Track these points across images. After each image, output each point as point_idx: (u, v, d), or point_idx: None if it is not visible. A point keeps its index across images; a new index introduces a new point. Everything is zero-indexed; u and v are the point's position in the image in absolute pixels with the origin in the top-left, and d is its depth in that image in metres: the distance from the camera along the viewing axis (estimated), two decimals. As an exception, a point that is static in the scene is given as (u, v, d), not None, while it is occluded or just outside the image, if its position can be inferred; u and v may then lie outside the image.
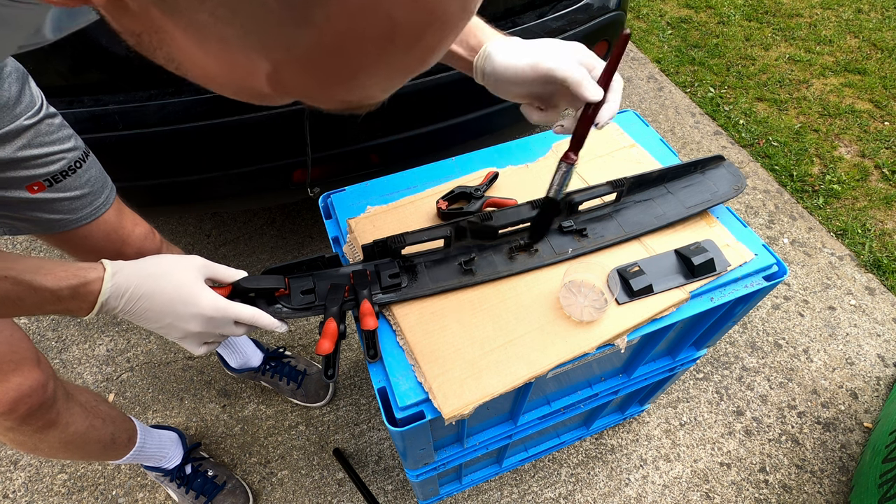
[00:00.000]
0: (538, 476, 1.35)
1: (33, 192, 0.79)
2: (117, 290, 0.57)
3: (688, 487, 1.33)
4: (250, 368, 1.41)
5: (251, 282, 0.67)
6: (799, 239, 1.86)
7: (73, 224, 0.87)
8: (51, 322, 1.63)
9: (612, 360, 0.92)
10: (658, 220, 0.83)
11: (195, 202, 1.37)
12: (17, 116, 0.73)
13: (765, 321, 1.64)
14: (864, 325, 1.63)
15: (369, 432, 1.42)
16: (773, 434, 1.42)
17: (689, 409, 1.46)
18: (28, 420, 0.81)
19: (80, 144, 0.85)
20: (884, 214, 1.93)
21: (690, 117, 2.32)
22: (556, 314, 0.74)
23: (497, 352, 0.70)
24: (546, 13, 1.36)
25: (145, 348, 1.58)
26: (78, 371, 1.53)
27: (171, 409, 1.47)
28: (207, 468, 1.29)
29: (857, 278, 1.74)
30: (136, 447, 1.11)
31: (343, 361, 1.55)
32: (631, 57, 2.63)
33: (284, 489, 1.33)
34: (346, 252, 0.83)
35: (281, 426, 1.43)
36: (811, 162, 2.12)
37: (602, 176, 0.89)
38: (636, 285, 0.74)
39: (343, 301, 0.70)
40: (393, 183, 0.92)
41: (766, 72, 2.53)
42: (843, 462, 1.37)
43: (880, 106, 2.33)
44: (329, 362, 0.67)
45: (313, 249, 1.81)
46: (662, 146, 0.97)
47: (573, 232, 0.82)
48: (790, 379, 1.52)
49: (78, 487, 1.32)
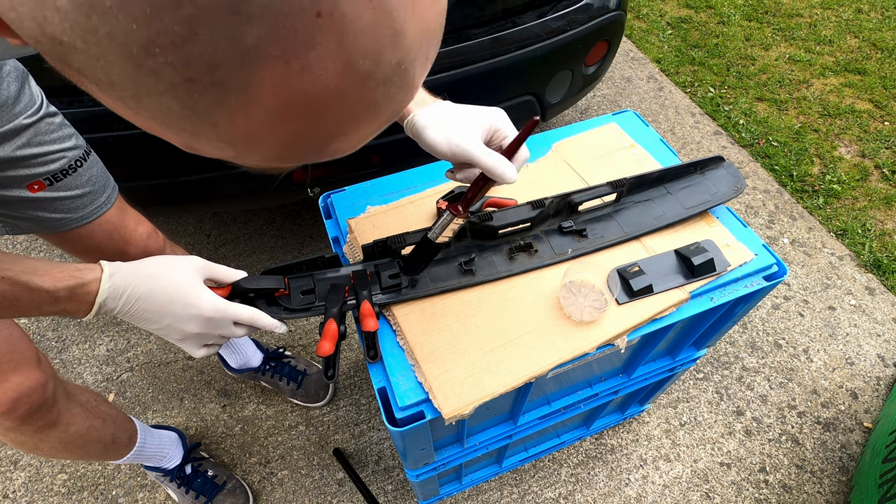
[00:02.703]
0: (538, 476, 1.35)
1: (33, 190, 0.79)
2: (115, 291, 0.57)
3: (688, 487, 1.33)
4: (250, 368, 1.41)
5: (251, 282, 0.67)
6: (799, 239, 1.86)
7: (74, 223, 0.87)
8: (51, 322, 1.63)
9: (612, 360, 0.92)
10: (658, 221, 0.83)
11: (195, 202, 1.37)
12: (16, 115, 0.73)
13: (765, 321, 1.64)
14: (864, 325, 1.63)
15: (369, 432, 1.42)
16: (773, 434, 1.42)
17: (689, 409, 1.46)
18: (28, 420, 0.81)
19: (81, 143, 0.85)
20: (884, 214, 1.93)
21: (690, 117, 2.32)
22: (556, 314, 0.74)
23: (497, 352, 0.70)
24: (546, 13, 1.36)
25: (145, 348, 1.58)
26: (78, 371, 1.53)
27: (171, 409, 1.47)
28: (207, 468, 1.29)
29: (857, 278, 1.74)
30: (137, 447, 1.11)
31: (343, 361, 1.55)
32: (631, 57, 2.63)
33: (284, 489, 1.33)
34: (346, 252, 0.83)
35: (281, 426, 1.43)
36: (811, 162, 2.12)
37: (602, 176, 0.89)
38: (636, 285, 0.74)
39: (343, 301, 0.70)
40: (393, 183, 0.92)
41: (766, 72, 2.53)
42: (843, 462, 1.37)
43: (880, 106, 2.33)
44: (329, 363, 0.67)
45: (313, 249, 1.81)
46: (662, 146, 0.97)
47: (573, 232, 0.82)
48: (790, 379, 1.52)
49: (78, 487, 1.33)
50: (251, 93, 0.22)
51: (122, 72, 0.21)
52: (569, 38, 1.40)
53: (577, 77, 1.56)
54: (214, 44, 0.19)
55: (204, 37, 0.19)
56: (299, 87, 0.22)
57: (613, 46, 1.61)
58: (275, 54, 0.20)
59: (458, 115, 0.62)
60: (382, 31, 0.22)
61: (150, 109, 0.23)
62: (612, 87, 2.45)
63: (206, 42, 0.19)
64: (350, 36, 0.21)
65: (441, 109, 0.63)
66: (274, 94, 0.22)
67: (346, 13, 0.20)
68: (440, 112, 0.62)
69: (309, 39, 0.20)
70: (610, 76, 2.51)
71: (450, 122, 0.61)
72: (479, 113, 0.63)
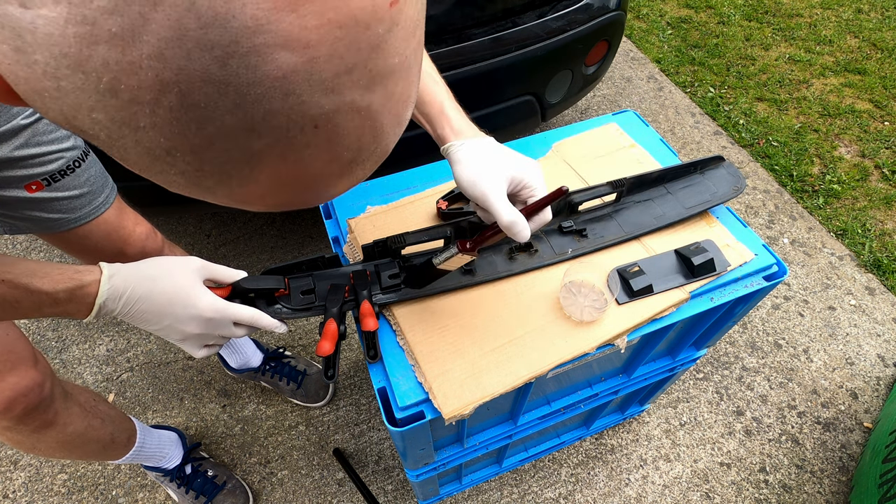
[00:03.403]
0: (538, 476, 1.35)
1: (31, 191, 0.79)
2: (115, 292, 0.57)
3: (688, 487, 1.33)
4: (250, 369, 1.41)
5: (251, 282, 0.67)
6: (799, 239, 1.86)
7: (72, 223, 0.87)
8: (51, 322, 1.63)
9: (612, 360, 0.92)
10: (658, 221, 0.83)
11: (195, 202, 1.37)
12: (13, 116, 0.73)
13: (765, 321, 1.64)
14: (864, 325, 1.63)
15: (369, 432, 1.42)
16: (773, 434, 1.42)
17: (689, 409, 1.46)
18: (25, 420, 0.81)
19: (80, 143, 0.85)
20: (884, 214, 1.93)
21: (690, 117, 2.31)
22: (556, 314, 0.74)
23: (497, 352, 0.70)
24: (546, 13, 1.36)
25: (145, 348, 1.58)
26: (78, 371, 1.53)
27: (171, 409, 1.47)
28: (207, 468, 1.29)
29: (857, 278, 1.74)
30: (136, 447, 1.11)
31: (343, 361, 1.55)
32: (631, 57, 2.63)
33: (284, 489, 1.33)
34: (346, 252, 0.83)
35: (281, 426, 1.43)
36: (811, 162, 2.12)
37: (602, 176, 0.89)
38: (636, 285, 0.74)
39: (343, 301, 0.70)
40: (393, 183, 0.92)
41: (766, 72, 2.53)
42: (843, 462, 1.37)
43: (880, 106, 2.33)
44: (329, 363, 0.67)
45: (313, 249, 1.81)
46: (662, 146, 0.97)
47: (573, 232, 0.82)
48: (790, 379, 1.52)
49: (78, 487, 1.32)
50: (251, 178, 0.25)
51: (139, 159, 0.24)
52: (569, 38, 1.40)
53: (577, 77, 1.56)
54: (227, 151, 0.23)
55: (219, 146, 0.23)
56: (292, 173, 0.26)
57: (613, 46, 1.61)
58: (275, 155, 0.24)
59: (491, 159, 0.61)
60: (366, 131, 0.26)
61: (157, 178, 0.26)
62: (612, 87, 2.45)
63: (220, 150, 0.23)
64: (339, 138, 0.25)
65: (477, 147, 0.62)
66: (269, 179, 0.26)
67: (339, 123, 0.24)
68: (475, 150, 0.62)
69: (305, 144, 0.24)
70: (610, 76, 2.51)
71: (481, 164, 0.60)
72: (513, 162, 0.62)
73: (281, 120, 0.22)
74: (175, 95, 0.20)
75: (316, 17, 0.20)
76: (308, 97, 0.22)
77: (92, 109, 0.21)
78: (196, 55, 0.19)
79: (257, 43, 0.19)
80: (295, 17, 0.20)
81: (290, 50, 0.20)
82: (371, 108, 0.25)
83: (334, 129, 0.24)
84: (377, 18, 0.22)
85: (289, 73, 0.21)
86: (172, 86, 0.20)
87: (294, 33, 0.20)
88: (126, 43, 0.18)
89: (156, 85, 0.20)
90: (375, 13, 0.22)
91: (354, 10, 0.21)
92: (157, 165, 0.24)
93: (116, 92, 0.20)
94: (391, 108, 0.27)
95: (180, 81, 0.20)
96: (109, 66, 0.19)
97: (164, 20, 0.18)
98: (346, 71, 0.22)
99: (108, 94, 0.20)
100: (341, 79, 0.22)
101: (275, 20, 0.19)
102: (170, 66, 0.19)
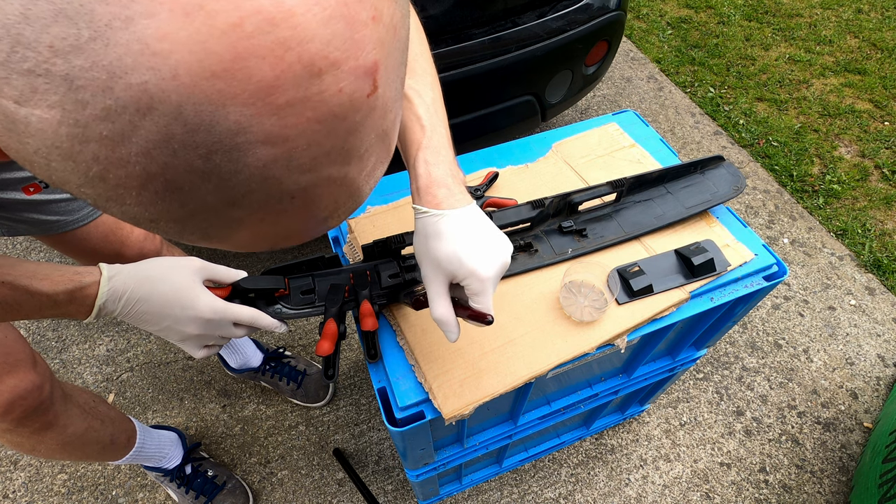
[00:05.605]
0: (538, 476, 1.35)
1: (29, 193, 0.79)
2: (114, 293, 0.57)
3: (688, 487, 1.33)
4: (250, 369, 1.41)
5: (250, 282, 0.67)
6: (799, 239, 1.86)
7: (70, 225, 0.87)
8: (51, 322, 1.63)
9: (612, 360, 0.92)
10: (658, 221, 0.83)
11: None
12: None
13: (765, 321, 1.64)
14: (864, 325, 1.63)
15: (369, 432, 1.42)
16: (773, 434, 1.42)
17: (689, 409, 1.46)
18: (24, 422, 0.81)
19: None
20: (884, 214, 1.93)
21: (690, 117, 2.31)
22: (556, 314, 0.74)
23: (497, 352, 0.70)
24: (546, 13, 1.36)
25: (145, 348, 1.58)
26: (78, 371, 1.53)
27: (171, 409, 1.47)
28: (207, 468, 1.29)
29: (857, 278, 1.74)
30: (136, 447, 1.11)
31: (343, 361, 1.55)
32: (631, 57, 2.63)
33: (284, 489, 1.33)
34: (346, 252, 0.83)
35: (281, 426, 1.43)
36: (811, 162, 2.12)
37: (602, 176, 0.89)
38: (636, 285, 0.74)
39: (343, 301, 0.70)
40: (393, 183, 0.92)
41: (766, 72, 2.53)
42: (843, 462, 1.37)
43: (880, 106, 2.33)
44: (329, 363, 0.67)
45: (313, 249, 1.81)
46: (662, 146, 0.97)
47: (573, 232, 0.82)
48: (790, 379, 1.52)
49: (78, 487, 1.32)
50: (230, 237, 0.27)
51: (124, 220, 0.25)
52: (569, 38, 1.40)
53: (577, 77, 1.56)
54: (208, 220, 0.24)
55: (200, 217, 0.24)
56: (270, 231, 0.27)
57: (613, 46, 1.61)
58: (254, 220, 0.25)
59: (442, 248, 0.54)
60: (342, 194, 0.27)
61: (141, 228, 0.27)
62: (612, 87, 2.45)
63: (201, 220, 0.24)
64: (315, 204, 0.26)
65: (434, 226, 0.54)
66: (248, 236, 0.27)
67: (317, 193, 0.25)
68: (430, 229, 0.55)
69: (282, 210, 0.25)
70: (610, 76, 2.51)
71: (428, 248, 0.55)
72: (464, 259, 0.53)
73: (260, 196, 0.23)
74: (160, 183, 0.21)
75: (295, 117, 0.21)
76: (286, 178, 0.23)
77: (80, 186, 0.22)
78: (181, 153, 0.20)
79: (239, 141, 0.20)
80: (276, 119, 0.20)
81: (271, 144, 0.21)
82: (347, 177, 0.26)
83: (311, 198, 0.25)
84: (354, 109, 0.23)
85: (269, 163, 0.22)
86: (158, 176, 0.21)
87: (274, 131, 0.21)
88: (115, 143, 0.19)
89: (142, 175, 0.21)
90: (353, 105, 0.23)
91: (333, 108, 0.22)
92: (142, 225, 0.25)
93: (105, 179, 0.21)
94: (368, 173, 0.28)
95: (166, 173, 0.21)
96: (99, 160, 0.20)
97: (153, 126, 0.19)
98: (324, 154, 0.23)
99: (96, 179, 0.21)
100: (318, 160, 0.23)
101: (256, 123, 0.20)
102: (156, 162, 0.20)
